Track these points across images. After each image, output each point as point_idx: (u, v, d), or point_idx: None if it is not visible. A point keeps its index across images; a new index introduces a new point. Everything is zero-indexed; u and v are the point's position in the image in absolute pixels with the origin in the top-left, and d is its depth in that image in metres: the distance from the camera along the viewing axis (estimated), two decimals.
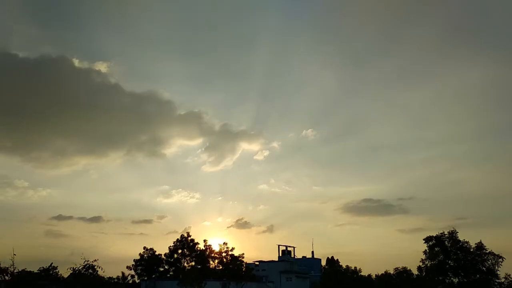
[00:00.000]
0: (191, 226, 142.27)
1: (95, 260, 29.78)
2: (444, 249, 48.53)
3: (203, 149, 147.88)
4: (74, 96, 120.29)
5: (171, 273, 71.65)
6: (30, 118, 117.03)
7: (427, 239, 50.09)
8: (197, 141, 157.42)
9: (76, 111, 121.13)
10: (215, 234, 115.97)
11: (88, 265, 29.42)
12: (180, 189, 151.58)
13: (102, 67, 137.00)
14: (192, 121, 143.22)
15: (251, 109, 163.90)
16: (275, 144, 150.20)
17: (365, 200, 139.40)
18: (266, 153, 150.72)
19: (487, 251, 46.45)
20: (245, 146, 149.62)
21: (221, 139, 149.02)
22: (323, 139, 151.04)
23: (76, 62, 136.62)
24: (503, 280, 45.80)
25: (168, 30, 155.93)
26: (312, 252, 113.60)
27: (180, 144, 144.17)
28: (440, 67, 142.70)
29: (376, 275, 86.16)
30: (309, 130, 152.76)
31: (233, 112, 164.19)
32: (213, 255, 72.12)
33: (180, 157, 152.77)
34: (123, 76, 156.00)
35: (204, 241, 73.96)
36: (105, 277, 66.35)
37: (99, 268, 29.85)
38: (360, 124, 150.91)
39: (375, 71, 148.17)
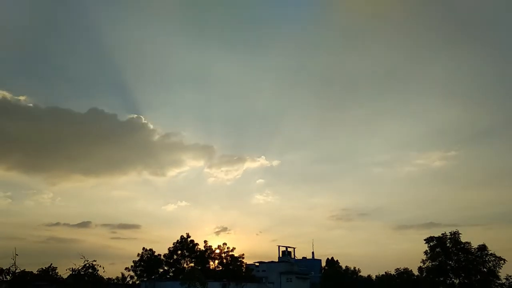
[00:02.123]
0: (189, 232, 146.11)
1: (94, 261, 29.72)
2: (445, 250, 48.42)
3: (208, 164, 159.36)
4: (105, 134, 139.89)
5: (171, 274, 71.38)
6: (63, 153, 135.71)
7: (428, 240, 49.59)
8: (202, 163, 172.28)
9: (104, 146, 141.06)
10: (213, 238, 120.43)
11: (88, 265, 29.24)
12: (183, 201, 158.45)
13: (140, 117, 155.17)
14: (201, 149, 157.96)
15: (256, 139, 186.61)
16: (274, 164, 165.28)
17: (345, 209, 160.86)
18: (267, 171, 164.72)
19: (489, 253, 46.47)
20: (247, 165, 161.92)
21: (225, 161, 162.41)
22: (315, 160, 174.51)
23: (120, 116, 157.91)
24: (504, 281, 45.81)
25: (188, 76, 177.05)
26: (313, 253, 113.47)
27: (187, 165, 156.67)
28: (415, 106, 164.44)
29: (376, 276, 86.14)
30: (304, 153, 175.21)
31: (239, 142, 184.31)
32: (213, 255, 71.95)
33: (183, 174, 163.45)
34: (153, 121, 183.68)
35: (205, 241, 73.84)
36: (105, 278, 66.31)
37: (100, 267, 29.73)
38: (346, 149, 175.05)
39: (358, 109, 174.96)
